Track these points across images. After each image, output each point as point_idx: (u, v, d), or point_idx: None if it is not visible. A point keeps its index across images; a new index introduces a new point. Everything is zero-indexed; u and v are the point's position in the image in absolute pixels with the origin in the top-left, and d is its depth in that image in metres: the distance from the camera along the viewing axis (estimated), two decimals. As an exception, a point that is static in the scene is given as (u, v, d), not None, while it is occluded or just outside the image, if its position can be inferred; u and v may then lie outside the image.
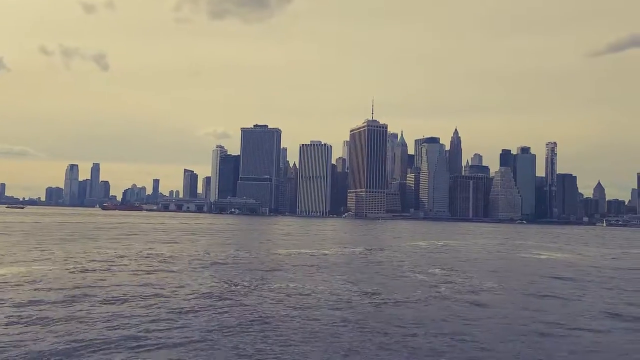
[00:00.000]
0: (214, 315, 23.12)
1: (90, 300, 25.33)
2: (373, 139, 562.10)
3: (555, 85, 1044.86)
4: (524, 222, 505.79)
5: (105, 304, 24.59)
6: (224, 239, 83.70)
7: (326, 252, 62.16)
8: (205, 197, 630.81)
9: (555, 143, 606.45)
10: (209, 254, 53.77)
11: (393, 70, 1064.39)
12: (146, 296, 26.81)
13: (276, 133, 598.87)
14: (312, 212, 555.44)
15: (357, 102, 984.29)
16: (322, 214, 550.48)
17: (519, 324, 23.44)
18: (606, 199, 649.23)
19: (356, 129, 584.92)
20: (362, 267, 46.21)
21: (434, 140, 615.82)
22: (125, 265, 40.67)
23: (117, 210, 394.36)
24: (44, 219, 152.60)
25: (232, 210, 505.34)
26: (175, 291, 28.77)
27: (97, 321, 20.93)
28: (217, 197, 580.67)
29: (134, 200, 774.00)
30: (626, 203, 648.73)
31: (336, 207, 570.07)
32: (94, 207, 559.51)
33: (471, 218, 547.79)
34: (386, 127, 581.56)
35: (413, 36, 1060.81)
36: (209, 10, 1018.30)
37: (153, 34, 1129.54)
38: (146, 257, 47.12)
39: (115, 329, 19.78)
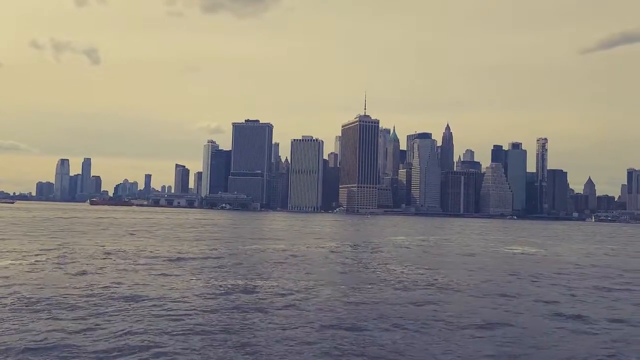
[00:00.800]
0: (127, 311, 22.50)
1: None
2: (365, 134, 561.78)
3: (547, 82, 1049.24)
4: (515, 217, 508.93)
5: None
6: (195, 234, 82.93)
7: (299, 247, 61.67)
8: (197, 192, 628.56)
9: (546, 139, 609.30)
10: (159, 249, 53.08)
11: (386, 65, 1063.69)
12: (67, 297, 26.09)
13: (268, 128, 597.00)
14: (303, 207, 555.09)
15: (350, 98, 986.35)
16: (314, 209, 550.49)
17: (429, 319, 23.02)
18: (596, 195, 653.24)
19: (348, 124, 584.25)
20: (322, 262, 45.71)
21: (426, 136, 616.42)
22: (69, 263, 39.94)
23: (105, 206, 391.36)
24: (20, 214, 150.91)
25: (223, 205, 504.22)
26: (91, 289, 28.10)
27: None
28: (208, 192, 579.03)
29: (125, 195, 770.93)
30: (616, 199, 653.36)
31: (328, 203, 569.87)
32: (84, 202, 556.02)
33: (462, 213, 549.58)
34: (378, 123, 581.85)
35: (406, 31, 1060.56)
36: (202, 4, 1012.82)
37: (145, 28, 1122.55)
38: (101, 255, 46.38)
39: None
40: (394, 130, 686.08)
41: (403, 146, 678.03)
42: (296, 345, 18.15)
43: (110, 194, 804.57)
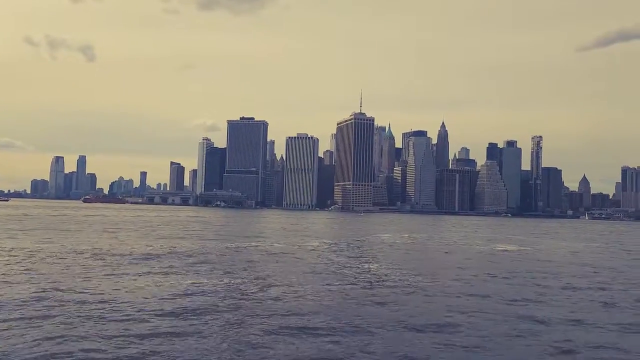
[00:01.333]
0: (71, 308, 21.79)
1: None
2: (360, 131, 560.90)
3: (544, 80, 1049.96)
4: (509, 215, 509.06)
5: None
6: (176, 232, 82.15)
7: (279, 245, 61.03)
8: (192, 189, 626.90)
9: (540, 137, 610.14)
10: (129, 247, 52.32)
11: (382, 63, 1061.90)
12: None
13: (262, 125, 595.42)
14: (298, 205, 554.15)
15: (346, 96, 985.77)
16: (309, 207, 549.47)
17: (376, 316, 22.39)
18: (591, 193, 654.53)
19: (343, 122, 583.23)
20: (294, 261, 45.05)
21: (421, 134, 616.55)
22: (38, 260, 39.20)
23: (98, 203, 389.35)
24: (8, 212, 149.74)
25: (218, 203, 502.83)
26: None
27: None
28: (203, 189, 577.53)
29: (120, 193, 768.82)
30: (610, 197, 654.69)
31: (323, 200, 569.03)
32: (79, 200, 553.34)
33: (457, 211, 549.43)
34: (373, 120, 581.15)
35: (403, 30, 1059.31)
36: (198, 1, 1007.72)
37: (141, 25, 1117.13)
38: (67, 252, 45.64)
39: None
40: (389, 128, 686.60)
41: (399, 144, 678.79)
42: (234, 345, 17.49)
43: (106, 191, 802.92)
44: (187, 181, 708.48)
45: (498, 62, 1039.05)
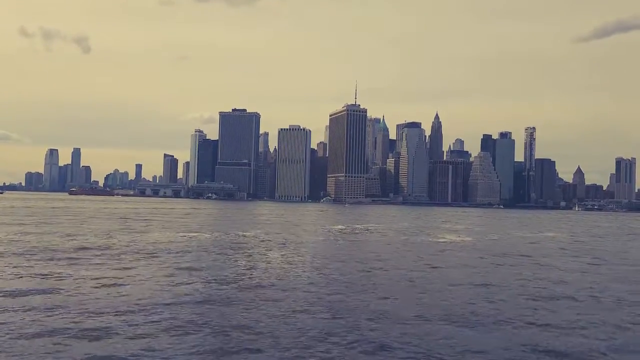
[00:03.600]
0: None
1: None
2: (353, 123, 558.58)
3: (540, 71, 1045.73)
4: (501, 206, 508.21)
5: None
6: (136, 225, 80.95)
7: (244, 235, 59.89)
8: (185, 182, 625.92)
9: (534, 128, 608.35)
10: (68, 240, 51.10)
11: (378, 55, 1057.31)
12: None
13: (255, 117, 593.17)
14: (291, 197, 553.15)
15: (343, 87, 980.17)
16: (301, 198, 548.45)
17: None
18: (585, 184, 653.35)
19: (336, 114, 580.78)
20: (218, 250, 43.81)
21: (415, 125, 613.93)
22: None
23: (84, 195, 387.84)
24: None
25: (209, 195, 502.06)
26: None
27: None
28: (195, 182, 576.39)
29: (116, 185, 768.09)
30: (604, 188, 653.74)
31: (316, 192, 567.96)
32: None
33: (450, 203, 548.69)
34: (366, 112, 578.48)
35: (398, 20, 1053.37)
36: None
37: (136, 17, 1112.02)
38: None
39: None
40: (383, 119, 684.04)
41: (393, 136, 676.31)
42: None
43: (101, 184, 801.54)
44: (180, 173, 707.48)
45: (495, 52, 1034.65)
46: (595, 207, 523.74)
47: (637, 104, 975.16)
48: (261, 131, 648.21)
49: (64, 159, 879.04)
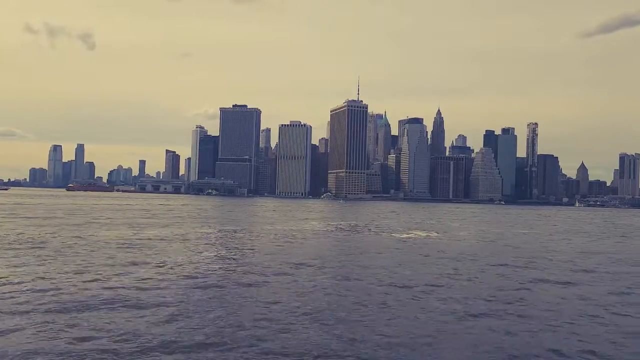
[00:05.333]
0: None
1: None
2: (353, 119, 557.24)
3: (544, 66, 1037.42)
4: (502, 202, 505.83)
5: None
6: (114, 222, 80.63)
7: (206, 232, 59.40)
8: (187, 178, 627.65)
9: (536, 124, 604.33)
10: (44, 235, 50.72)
11: (381, 50, 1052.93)
12: None
13: (255, 113, 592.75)
14: (291, 193, 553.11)
15: (344, 82, 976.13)
16: (302, 194, 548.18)
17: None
18: (589, 180, 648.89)
19: (336, 109, 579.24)
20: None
21: (416, 121, 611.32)
22: None
23: (81, 192, 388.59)
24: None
25: (209, 191, 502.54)
26: None
27: None
28: (197, 177, 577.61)
29: (119, 181, 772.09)
30: (608, 184, 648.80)
31: (317, 188, 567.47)
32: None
33: (451, 199, 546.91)
34: (366, 107, 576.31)
35: (402, 16, 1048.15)
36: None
37: (141, 13, 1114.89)
38: None
39: None
40: (385, 115, 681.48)
41: (395, 132, 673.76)
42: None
43: (105, 180, 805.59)
44: (183, 170, 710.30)
45: (498, 48, 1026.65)
46: (598, 203, 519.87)
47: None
48: (263, 127, 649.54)
49: (68, 155, 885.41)
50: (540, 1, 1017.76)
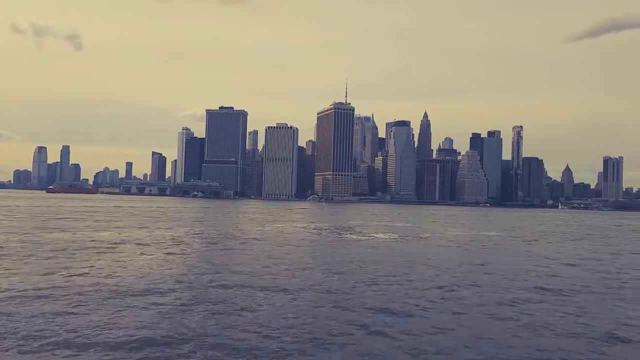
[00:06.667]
0: None
1: None
2: (340, 121, 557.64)
3: (531, 69, 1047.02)
4: (488, 205, 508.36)
5: None
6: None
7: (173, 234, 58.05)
8: (173, 180, 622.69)
9: (521, 127, 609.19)
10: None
11: (367, 52, 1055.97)
12: None
13: (242, 115, 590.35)
14: (278, 195, 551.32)
15: (333, 85, 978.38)
16: (288, 197, 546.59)
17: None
18: (573, 183, 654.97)
19: (323, 112, 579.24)
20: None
21: (403, 124, 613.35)
22: None
23: (62, 193, 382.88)
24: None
25: (195, 193, 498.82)
26: None
27: None
28: (183, 179, 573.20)
29: (106, 183, 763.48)
30: (592, 187, 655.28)
31: (304, 190, 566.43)
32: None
33: (437, 201, 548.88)
34: (353, 110, 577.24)
35: (391, 18, 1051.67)
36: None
37: (129, 13, 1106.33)
38: None
39: None
40: (372, 117, 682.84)
41: (382, 134, 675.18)
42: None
43: (91, 182, 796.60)
44: (169, 171, 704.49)
45: (485, 50, 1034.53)
46: (582, 205, 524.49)
47: (628, 102, 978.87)
48: (251, 129, 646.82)
49: (54, 156, 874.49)
50: (528, 5, 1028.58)
